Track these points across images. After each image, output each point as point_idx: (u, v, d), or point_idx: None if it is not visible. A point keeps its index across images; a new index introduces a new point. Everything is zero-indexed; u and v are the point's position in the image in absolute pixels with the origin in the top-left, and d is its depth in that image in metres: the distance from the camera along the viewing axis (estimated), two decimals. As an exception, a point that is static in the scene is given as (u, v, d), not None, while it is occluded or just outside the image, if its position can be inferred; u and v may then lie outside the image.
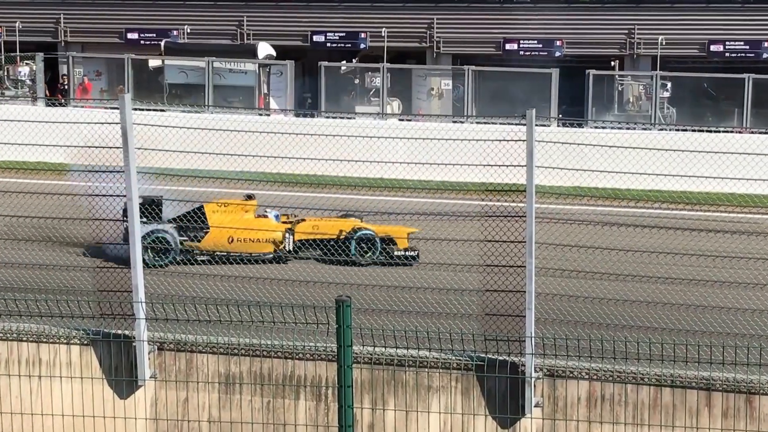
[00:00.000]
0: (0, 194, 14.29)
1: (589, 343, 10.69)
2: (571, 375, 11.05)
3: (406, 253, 15.98)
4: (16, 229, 14.72)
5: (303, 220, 16.44)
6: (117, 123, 11.54)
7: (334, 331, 7.11)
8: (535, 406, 11.02)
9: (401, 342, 10.95)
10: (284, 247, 15.98)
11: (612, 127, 25.97)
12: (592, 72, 30.09)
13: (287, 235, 16.07)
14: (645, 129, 26.59)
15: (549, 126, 25.21)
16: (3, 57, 38.09)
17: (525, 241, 11.08)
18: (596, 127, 25.46)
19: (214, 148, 14.57)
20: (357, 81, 33.05)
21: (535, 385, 10.98)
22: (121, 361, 11.66)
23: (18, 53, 38.20)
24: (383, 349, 11.14)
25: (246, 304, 10.12)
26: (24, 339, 11.85)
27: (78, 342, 11.80)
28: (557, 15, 36.22)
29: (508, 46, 36.46)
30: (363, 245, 16.00)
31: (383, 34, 36.54)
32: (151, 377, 11.57)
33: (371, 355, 11.15)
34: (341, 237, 16.00)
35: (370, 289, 13.95)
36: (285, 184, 17.53)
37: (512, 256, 11.53)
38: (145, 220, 14.62)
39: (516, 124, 12.26)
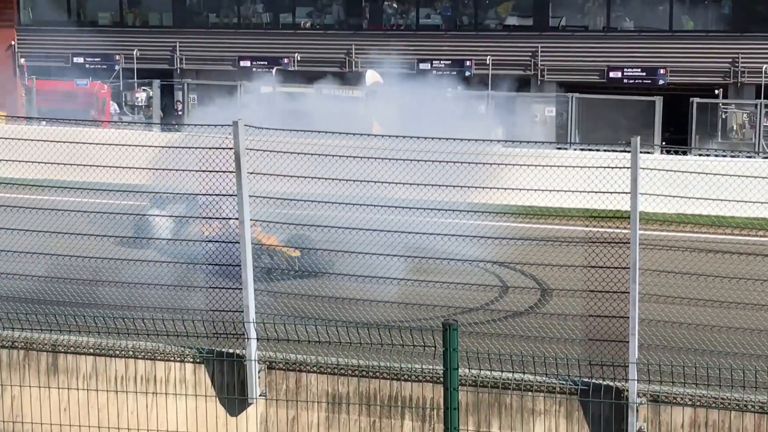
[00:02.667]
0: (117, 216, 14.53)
1: (695, 370, 10.52)
2: (674, 401, 10.89)
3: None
4: (131, 250, 14.94)
5: None
6: (230, 148, 11.70)
7: (440, 353, 7.10)
8: (637, 431, 10.88)
9: (505, 365, 10.90)
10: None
11: (716, 155, 25.58)
12: (696, 100, 29.73)
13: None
14: (749, 157, 26.16)
15: (652, 153, 24.92)
16: (121, 83, 38.85)
17: (629, 267, 10.96)
18: (700, 155, 25.11)
19: (319, 172, 14.66)
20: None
21: (638, 410, 10.83)
22: (231, 380, 11.77)
23: (135, 80, 38.95)
24: (487, 372, 11.08)
25: (354, 325, 10.16)
26: (139, 356, 12.02)
27: (191, 360, 11.93)
28: (661, 43, 35.85)
29: (611, 74, 36.16)
30: None
31: (488, 62, 36.52)
32: (260, 396, 11.65)
33: (475, 377, 11.10)
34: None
35: (475, 312, 13.93)
36: (387, 207, 17.56)
37: (615, 282, 11.41)
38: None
39: (620, 151, 12.15)
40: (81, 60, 41.06)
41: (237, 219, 11.81)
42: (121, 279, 14.26)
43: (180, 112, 35.76)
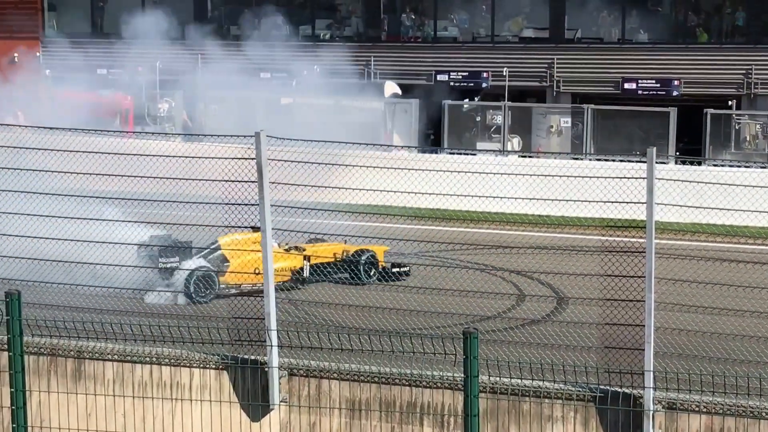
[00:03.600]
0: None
1: (711, 378, 10.50)
2: (689, 408, 10.85)
3: (400, 269, 16.57)
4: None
5: (298, 247, 16.49)
6: (252, 158, 11.72)
7: (458, 360, 7.10)
8: (653, 438, 10.85)
9: (522, 373, 10.89)
10: (303, 273, 16.04)
11: (730, 165, 25.52)
12: (710, 111, 29.64)
13: (305, 262, 16.13)
14: (762, 167, 26.08)
15: (667, 164, 24.87)
16: (144, 94, 38.96)
17: (644, 276, 10.94)
18: (714, 165, 25.06)
19: (339, 182, 14.70)
20: (479, 118, 33.06)
21: (653, 418, 10.81)
22: (253, 386, 11.79)
23: (158, 90, 39.05)
24: (504, 379, 11.07)
25: (376, 333, 10.17)
26: (163, 362, 12.06)
27: (213, 366, 11.96)
28: (675, 55, 35.77)
29: (626, 85, 36.09)
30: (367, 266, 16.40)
31: (504, 74, 36.49)
32: (281, 402, 11.67)
33: (493, 384, 11.09)
34: (341, 258, 16.20)
35: (492, 320, 13.93)
36: (410, 217, 17.60)
37: (631, 291, 11.39)
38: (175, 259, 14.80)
39: (636, 161, 12.14)
40: (104, 71, 41.20)
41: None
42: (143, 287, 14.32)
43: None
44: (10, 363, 8.64)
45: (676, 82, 35.68)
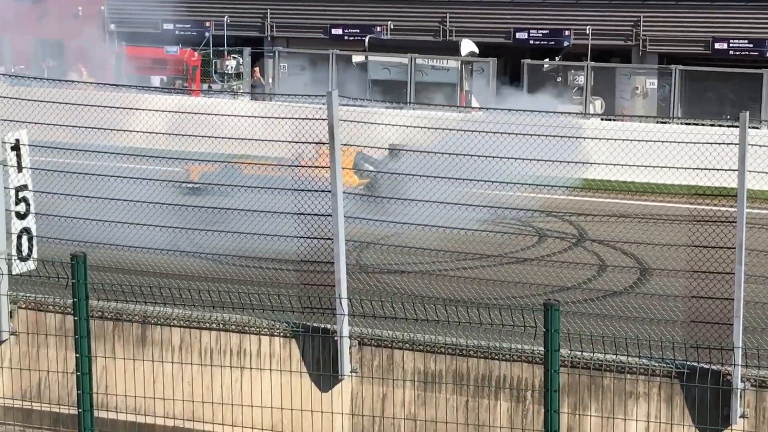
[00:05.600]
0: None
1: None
2: (780, 387, 10.75)
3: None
4: (225, 221, 15.09)
5: None
6: (324, 119, 11.74)
7: (534, 332, 7.09)
8: (740, 417, 10.76)
9: (602, 346, 10.84)
10: None
11: (827, 130, 25.09)
12: (806, 73, 29.13)
13: None
14: None
15: (759, 128, 24.51)
16: (211, 51, 39.18)
17: (734, 247, 10.82)
18: (809, 130, 24.64)
19: (413, 144, 14.65)
20: (559, 79, 32.82)
21: (742, 396, 10.72)
22: (322, 355, 11.86)
23: (225, 47, 39.25)
24: (584, 353, 11.03)
25: (450, 303, 10.17)
26: (230, 329, 12.16)
27: (281, 334, 12.03)
28: (770, 13, 35.25)
29: (717, 45, 35.63)
30: None
31: (587, 32, 36.18)
32: (351, 372, 11.73)
33: (572, 358, 11.06)
34: None
35: (572, 291, 13.87)
36: (483, 182, 17.53)
37: (720, 262, 11.28)
38: None
39: (728, 126, 11.98)
40: (171, 26, 41.50)
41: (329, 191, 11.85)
42: (208, 251, 14.42)
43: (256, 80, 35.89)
44: (75, 327, 8.76)
45: (769, 42, 35.20)
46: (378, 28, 39.04)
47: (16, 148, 12.39)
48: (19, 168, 12.44)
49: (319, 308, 11.79)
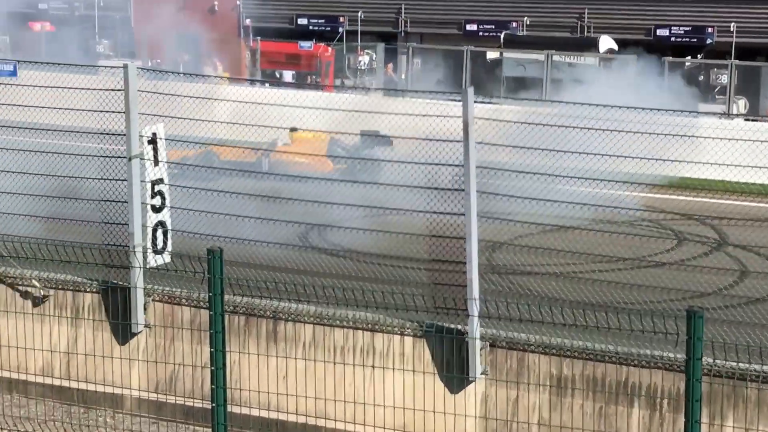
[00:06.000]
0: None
1: None
2: None
3: None
4: (355, 218, 15.15)
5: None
6: (458, 116, 11.68)
7: (675, 340, 6.94)
8: None
9: (743, 355, 10.61)
10: None
11: None
12: None
13: None
14: None
15: None
16: (345, 46, 39.41)
17: None
18: None
19: (549, 143, 14.49)
20: (701, 77, 32.26)
21: None
22: (452, 356, 11.81)
23: (359, 43, 39.45)
24: (724, 362, 10.79)
25: (585, 306, 10.03)
26: (360, 327, 12.19)
27: (411, 334, 12.01)
28: None
29: None
30: None
31: (732, 29, 35.46)
32: (482, 374, 11.67)
33: (710, 366, 10.83)
34: None
35: (711, 297, 13.60)
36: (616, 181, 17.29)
37: None
38: None
39: None
40: (305, 21, 41.86)
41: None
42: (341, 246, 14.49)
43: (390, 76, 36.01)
44: (210, 322, 8.87)
45: None
46: (514, 24, 38.82)
47: (152, 141, 12.59)
48: (156, 161, 12.64)
49: (450, 308, 11.73)
